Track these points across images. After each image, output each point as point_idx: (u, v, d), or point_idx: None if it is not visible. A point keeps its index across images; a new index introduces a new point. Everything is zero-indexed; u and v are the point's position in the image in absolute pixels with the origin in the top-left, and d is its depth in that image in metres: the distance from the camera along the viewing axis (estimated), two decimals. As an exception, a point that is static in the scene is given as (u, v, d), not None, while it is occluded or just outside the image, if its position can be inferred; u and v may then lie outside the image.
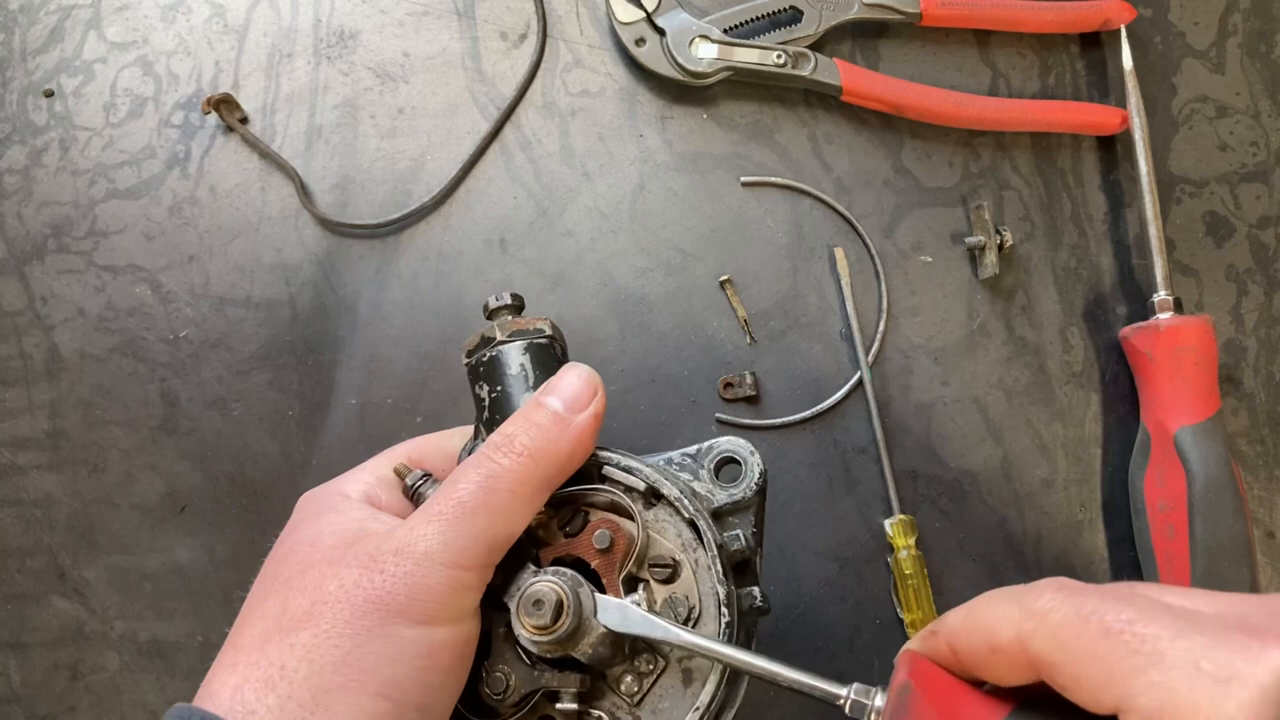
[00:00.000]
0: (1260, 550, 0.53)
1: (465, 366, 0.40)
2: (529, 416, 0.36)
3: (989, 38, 0.57)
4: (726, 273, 0.55)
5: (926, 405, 0.55)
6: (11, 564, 0.55)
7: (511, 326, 0.39)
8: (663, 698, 0.37)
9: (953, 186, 0.56)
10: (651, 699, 0.37)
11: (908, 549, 0.52)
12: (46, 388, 0.56)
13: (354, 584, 0.33)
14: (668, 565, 0.37)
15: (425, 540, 0.33)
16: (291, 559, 0.35)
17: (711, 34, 0.55)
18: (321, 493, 0.39)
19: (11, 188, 0.57)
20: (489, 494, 0.34)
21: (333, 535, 0.35)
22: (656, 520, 0.38)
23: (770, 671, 0.33)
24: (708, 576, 0.37)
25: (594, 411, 0.37)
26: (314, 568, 0.34)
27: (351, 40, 0.58)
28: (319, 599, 0.33)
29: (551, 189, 0.56)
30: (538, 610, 0.34)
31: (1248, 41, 0.57)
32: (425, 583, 0.33)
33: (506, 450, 0.35)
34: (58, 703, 0.54)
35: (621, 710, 0.37)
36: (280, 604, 0.33)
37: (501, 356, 0.39)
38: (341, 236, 0.56)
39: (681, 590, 0.37)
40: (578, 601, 0.35)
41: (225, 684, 0.32)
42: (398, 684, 0.32)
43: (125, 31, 0.58)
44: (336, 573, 0.33)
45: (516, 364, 0.39)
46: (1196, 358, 0.51)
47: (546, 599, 0.34)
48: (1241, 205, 0.56)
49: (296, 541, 0.36)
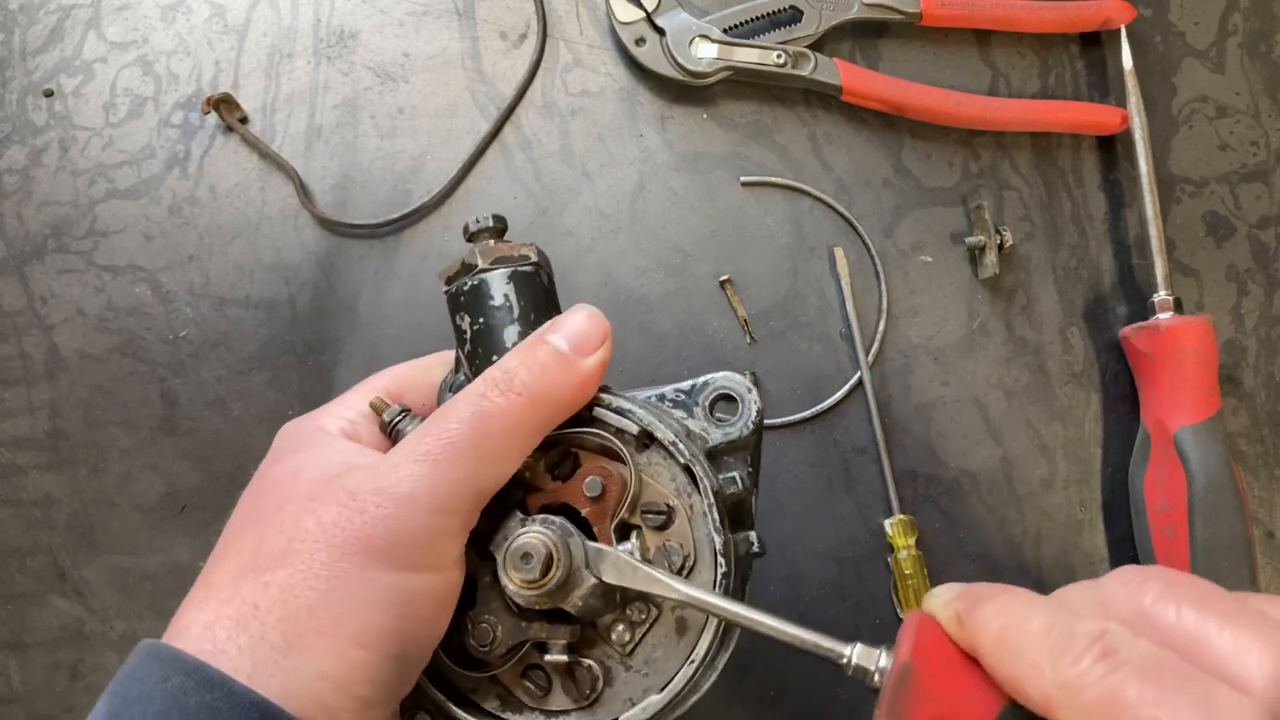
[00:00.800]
0: (1260, 550, 0.53)
1: (445, 295, 0.37)
2: (532, 353, 0.33)
3: (989, 37, 0.57)
4: (726, 273, 0.55)
5: (926, 405, 0.55)
6: (11, 564, 0.55)
7: (494, 253, 0.36)
8: (656, 647, 0.36)
9: (953, 186, 0.56)
10: (644, 649, 0.36)
11: (908, 549, 0.52)
12: (46, 388, 0.56)
13: (332, 522, 0.31)
14: (661, 512, 0.35)
15: (410, 481, 0.31)
16: (271, 492, 0.33)
17: (711, 34, 0.55)
18: (302, 425, 0.37)
19: (11, 188, 0.57)
20: (481, 435, 0.32)
21: (314, 469, 0.33)
22: (650, 464, 0.36)
23: (771, 628, 0.32)
24: (703, 524, 0.35)
25: (601, 358, 0.34)
26: (292, 502, 0.32)
27: (351, 40, 0.58)
28: (296, 536, 0.31)
29: (551, 189, 0.56)
30: (526, 564, 0.33)
31: (1248, 41, 0.57)
32: (406, 528, 0.31)
33: (505, 388, 0.32)
34: (58, 703, 0.54)
35: (613, 660, 0.36)
36: (256, 539, 0.32)
37: (484, 286, 0.36)
38: (341, 236, 0.56)
39: (676, 538, 0.36)
40: (568, 553, 0.33)
41: (196, 620, 0.31)
42: (374, 631, 0.30)
43: (125, 31, 0.58)
44: (315, 509, 0.31)
45: (500, 294, 0.36)
46: (1196, 358, 0.51)
47: (535, 552, 0.33)
48: (1241, 205, 0.56)
49: (277, 475, 0.34)
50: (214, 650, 0.30)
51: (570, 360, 0.33)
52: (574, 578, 0.33)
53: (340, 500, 0.31)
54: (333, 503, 0.31)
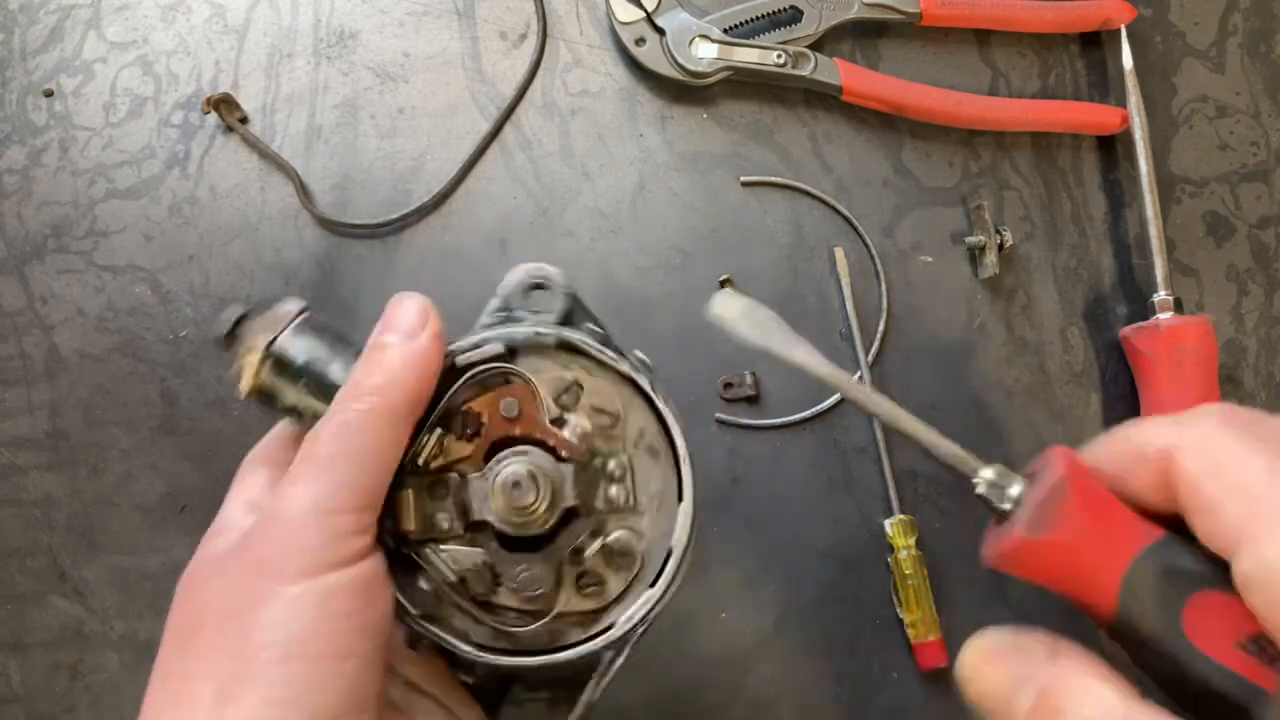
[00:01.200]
0: (1260, 550, 0.53)
1: (258, 405, 0.37)
2: (371, 357, 0.36)
3: (989, 37, 0.57)
4: (726, 273, 0.55)
5: (927, 405, 0.55)
6: (11, 564, 0.55)
7: (262, 329, 0.37)
8: (648, 481, 0.37)
9: (953, 186, 0.56)
10: (641, 491, 0.37)
11: (908, 549, 0.52)
12: (46, 388, 0.56)
13: (233, 570, 0.33)
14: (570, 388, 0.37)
15: (293, 500, 0.33)
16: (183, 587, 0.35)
17: (711, 34, 0.55)
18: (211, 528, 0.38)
19: (11, 188, 0.57)
20: (345, 439, 0.34)
21: (214, 549, 0.35)
22: (533, 369, 0.37)
23: (914, 428, 0.32)
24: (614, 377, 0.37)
25: (432, 331, 0.36)
26: (197, 583, 0.34)
27: (351, 40, 0.58)
28: (206, 601, 0.33)
29: (551, 189, 0.56)
30: (518, 490, 0.34)
31: (1248, 41, 0.57)
32: (298, 540, 0.32)
33: (355, 394, 0.34)
34: (57, 703, 0.54)
35: (626, 520, 0.37)
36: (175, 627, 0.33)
37: (282, 356, 0.36)
38: (341, 236, 0.56)
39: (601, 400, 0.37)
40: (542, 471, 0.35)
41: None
42: (297, 641, 0.31)
43: (125, 31, 0.58)
44: (217, 569, 0.33)
45: (301, 350, 0.36)
46: (1197, 358, 0.51)
47: (520, 478, 0.34)
48: (1242, 205, 0.56)
49: (188, 573, 0.35)
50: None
51: (402, 348, 0.36)
52: (557, 481, 0.35)
53: (235, 550, 0.34)
54: (230, 558, 0.33)
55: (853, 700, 0.52)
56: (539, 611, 0.36)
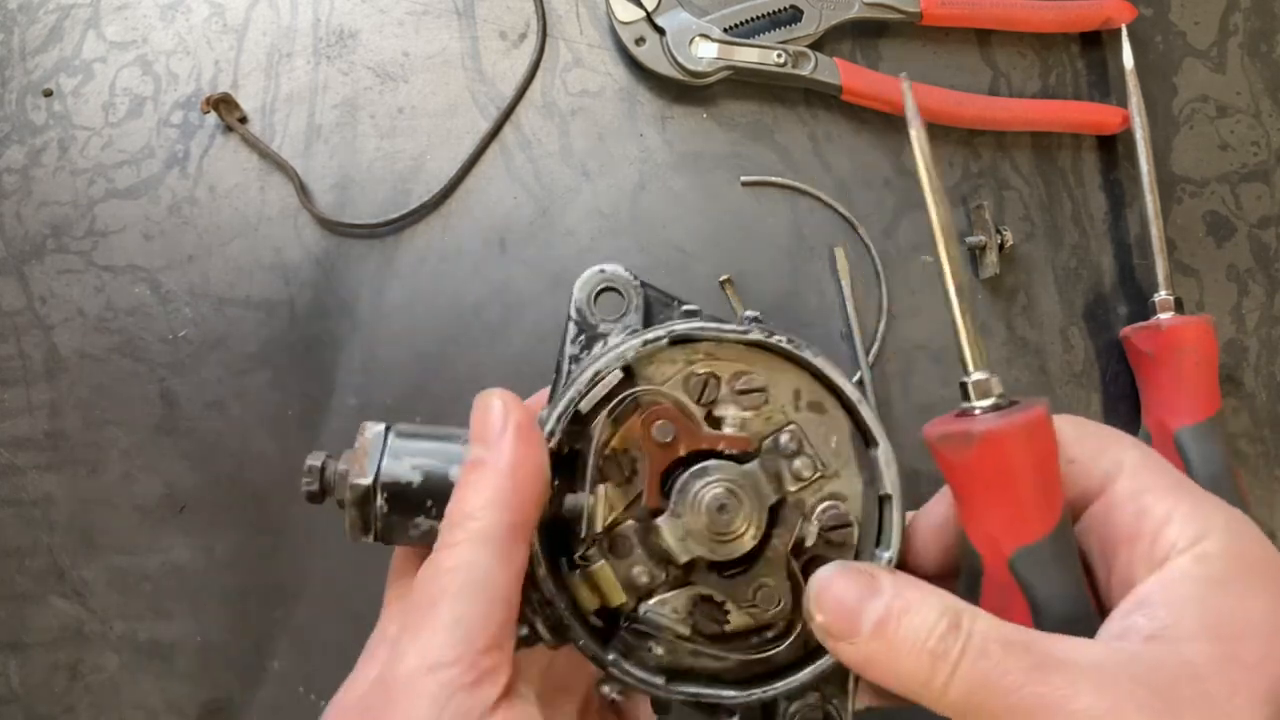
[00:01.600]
0: (1261, 550, 0.53)
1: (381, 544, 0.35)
2: (465, 482, 0.33)
3: (989, 37, 0.57)
4: (726, 273, 0.55)
5: (927, 405, 0.55)
6: (11, 564, 0.55)
7: (357, 459, 0.34)
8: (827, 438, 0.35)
9: (953, 186, 0.56)
10: (823, 452, 0.34)
11: (908, 549, 0.52)
12: (46, 388, 0.56)
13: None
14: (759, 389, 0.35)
15: (401, 660, 0.30)
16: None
17: (711, 33, 0.55)
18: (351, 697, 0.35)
19: (10, 187, 0.57)
20: (438, 582, 0.31)
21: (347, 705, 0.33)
22: (660, 380, 0.35)
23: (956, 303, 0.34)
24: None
25: (516, 422, 0.33)
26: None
27: (351, 40, 0.58)
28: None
29: (551, 189, 0.56)
30: (724, 514, 0.32)
31: (1248, 41, 0.57)
32: (410, 704, 0.29)
33: (448, 529, 0.32)
34: (57, 703, 0.54)
35: (825, 486, 0.35)
36: None
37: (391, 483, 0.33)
38: (341, 236, 0.56)
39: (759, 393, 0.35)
40: (746, 479, 0.33)
41: None
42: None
43: (124, 31, 0.58)
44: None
45: (408, 469, 0.34)
46: (1197, 358, 0.51)
47: (726, 500, 0.33)
48: (1242, 205, 0.56)
49: None
50: None
51: (492, 460, 0.33)
52: (752, 484, 0.33)
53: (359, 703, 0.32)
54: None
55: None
56: (782, 623, 0.34)
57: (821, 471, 0.34)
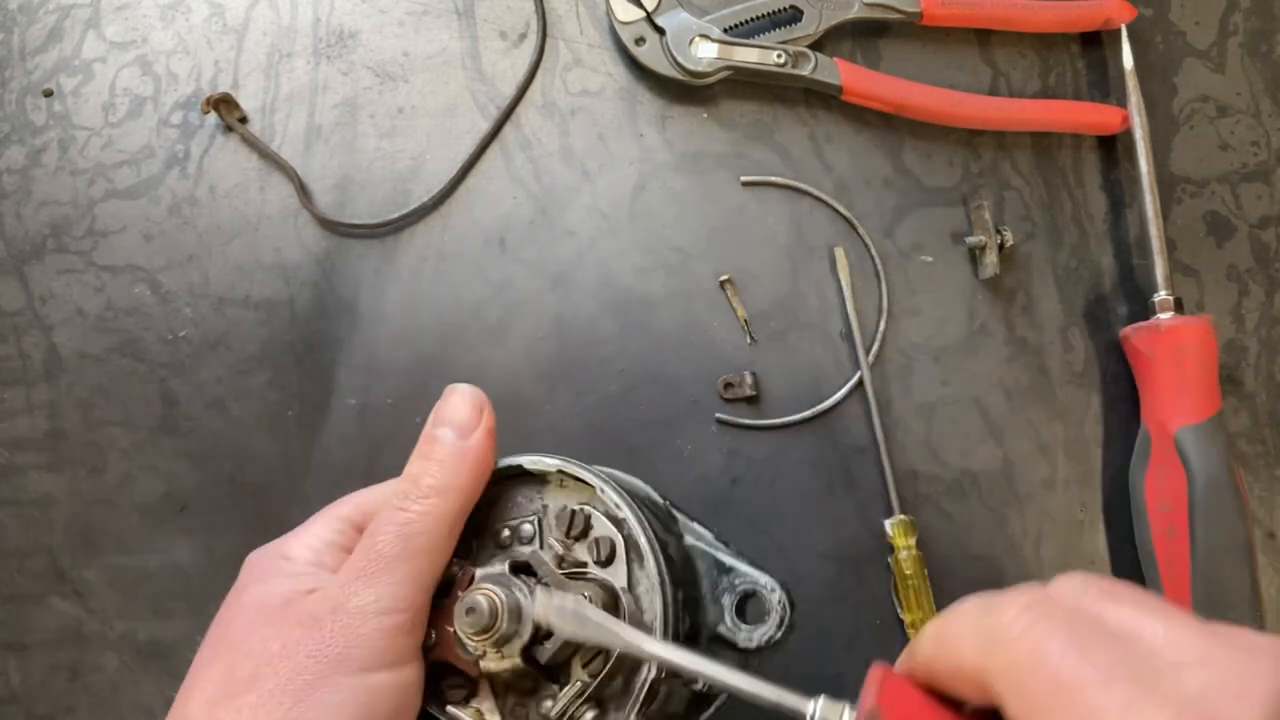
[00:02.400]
0: (1260, 550, 0.53)
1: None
2: (427, 455, 0.37)
3: (989, 37, 0.57)
4: (726, 273, 0.55)
5: (926, 405, 0.55)
6: (11, 564, 0.55)
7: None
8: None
9: (953, 186, 0.56)
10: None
11: (908, 549, 0.52)
12: (46, 388, 0.56)
13: (295, 642, 0.34)
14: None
15: (356, 597, 0.34)
16: (238, 621, 0.36)
17: (711, 33, 0.55)
18: (267, 555, 0.39)
19: (10, 188, 0.57)
20: (406, 540, 0.35)
21: (279, 596, 0.36)
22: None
23: (728, 682, 0.31)
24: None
25: (486, 428, 0.38)
26: (258, 629, 0.35)
27: (351, 40, 0.58)
28: (263, 660, 0.34)
29: (551, 189, 0.56)
30: (469, 616, 0.35)
31: (1248, 41, 0.57)
32: (360, 632, 0.34)
33: (414, 496, 0.36)
34: (57, 703, 0.54)
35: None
36: (226, 669, 0.34)
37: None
38: (341, 236, 0.56)
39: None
40: (511, 605, 0.35)
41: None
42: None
43: (124, 31, 0.58)
44: (280, 633, 0.34)
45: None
46: (1197, 358, 0.51)
47: (478, 606, 0.35)
48: (1242, 205, 0.56)
49: (243, 604, 0.36)
50: None
51: (460, 448, 0.37)
52: (520, 628, 0.35)
53: (302, 623, 0.34)
54: (295, 625, 0.34)
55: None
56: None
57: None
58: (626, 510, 0.37)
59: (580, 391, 0.55)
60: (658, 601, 0.36)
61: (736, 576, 0.39)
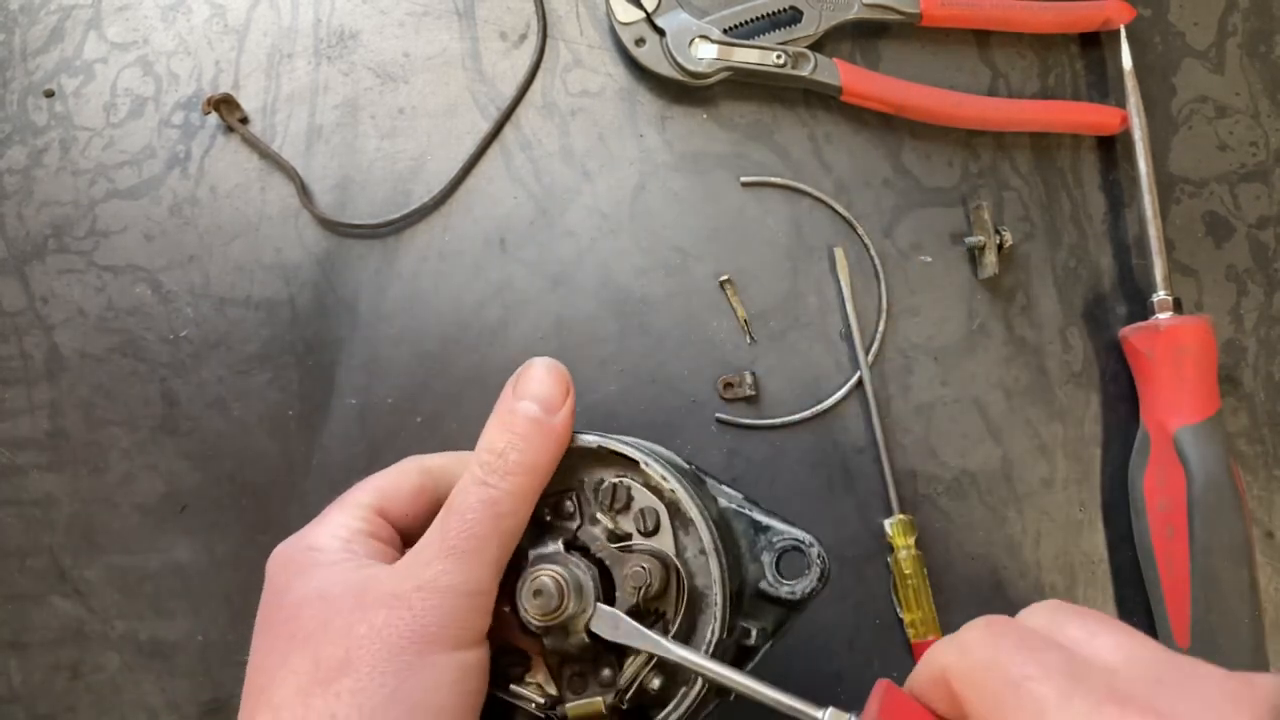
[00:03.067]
0: (1260, 550, 0.53)
1: None
2: (512, 428, 0.36)
3: (989, 38, 0.57)
4: (726, 273, 0.55)
5: (926, 405, 0.55)
6: (11, 564, 0.55)
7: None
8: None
9: (953, 186, 0.56)
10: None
11: (907, 549, 0.52)
12: (46, 388, 0.56)
13: (384, 623, 0.33)
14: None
15: (446, 574, 0.34)
16: (304, 614, 0.35)
17: (711, 34, 0.55)
18: (294, 549, 0.38)
19: (12, 188, 0.57)
20: (495, 519, 0.35)
21: (340, 585, 0.35)
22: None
23: (749, 688, 0.34)
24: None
25: (570, 407, 0.37)
26: (335, 617, 0.34)
27: (351, 40, 0.58)
28: (353, 645, 0.33)
29: (551, 189, 0.56)
30: (537, 598, 0.35)
31: (1247, 41, 0.57)
32: (452, 613, 0.33)
33: (501, 472, 0.35)
34: (57, 702, 0.54)
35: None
36: (311, 658, 0.33)
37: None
38: (341, 236, 0.56)
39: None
40: (577, 590, 0.36)
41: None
42: (443, 711, 0.33)
43: (125, 32, 0.58)
44: (364, 617, 0.33)
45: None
46: (1196, 358, 0.51)
47: (545, 589, 0.35)
48: (1241, 205, 0.56)
49: (302, 599, 0.35)
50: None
51: (546, 424, 0.37)
52: (585, 605, 0.36)
53: (386, 604, 0.34)
54: (379, 607, 0.34)
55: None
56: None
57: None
58: (673, 481, 0.37)
59: (580, 391, 0.54)
60: (713, 565, 0.37)
61: (774, 534, 0.40)
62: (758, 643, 0.39)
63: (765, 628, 0.40)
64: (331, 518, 0.38)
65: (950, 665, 0.29)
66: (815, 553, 0.39)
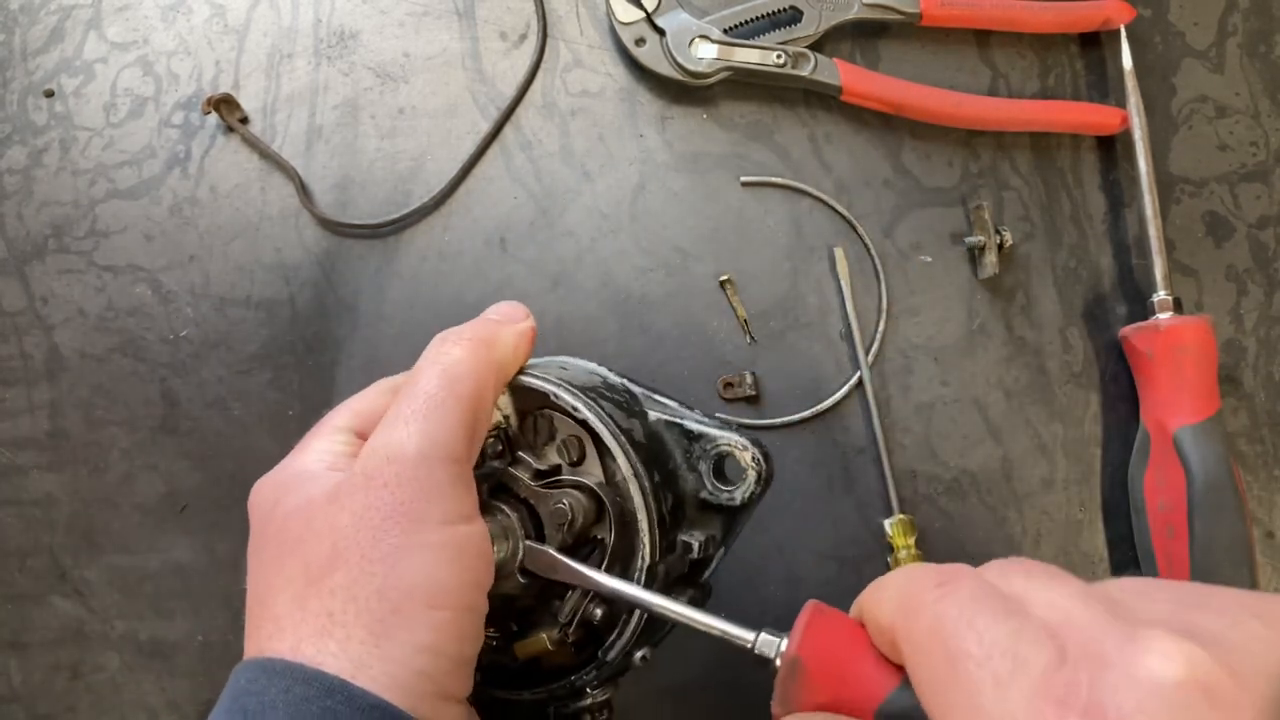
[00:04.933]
0: (1260, 550, 0.53)
1: None
2: (495, 324, 0.37)
3: (989, 38, 0.57)
4: (726, 273, 0.55)
5: (926, 405, 0.55)
6: (11, 564, 0.55)
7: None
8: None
9: (953, 186, 0.56)
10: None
11: (907, 549, 0.52)
12: (46, 388, 0.56)
13: (364, 507, 0.32)
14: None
15: (412, 439, 0.32)
16: (291, 524, 0.33)
17: (711, 34, 0.55)
18: (278, 477, 0.37)
19: (12, 188, 0.57)
20: (452, 381, 0.34)
21: (322, 491, 0.34)
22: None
23: (680, 614, 0.33)
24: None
25: (530, 324, 0.38)
26: (319, 515, 0.33)
27: (351, 40, 0.58)
28: (338, 538, 0.32)
29: (551, 189, 0.56)
30: None
31: (1247, 41, 0.57)
32: (431, 483, 0.32)
33: (455, 339, 0.35)
34: (57, 703, 0.54)
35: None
36: (301, 562, 0.32)
37: None
38: (341, 236, 0.56)
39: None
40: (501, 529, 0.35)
41: (278, 650, 0.31)
42: (444, 590, 0.31)
43: (125, 31, 0.58)
44: (344, 506, 0.32)
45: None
46: (1196, 358, 0.51)
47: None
48: (1241, 205, 0.56)
49: (288, 512, 0.34)
50: (310, 663, 0.30)
51: (503, 321, 0.37)
52: (516, 547, 0.36)
53: (361, 487, 0.32)
54: (356, 492, 0.32)
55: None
56: None
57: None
58: (586, 411, 0.37)
59: (580, 391, 0.55)
60: (634, 490, 0.36)
61: (707, 442, 0.39)
62: (709, 552, 0.38)
63: (714, 535, 0.39)
64: (312, 445, 0.37)
65: (899, 622, 0.28)
66: (750, 456, 0.38)
